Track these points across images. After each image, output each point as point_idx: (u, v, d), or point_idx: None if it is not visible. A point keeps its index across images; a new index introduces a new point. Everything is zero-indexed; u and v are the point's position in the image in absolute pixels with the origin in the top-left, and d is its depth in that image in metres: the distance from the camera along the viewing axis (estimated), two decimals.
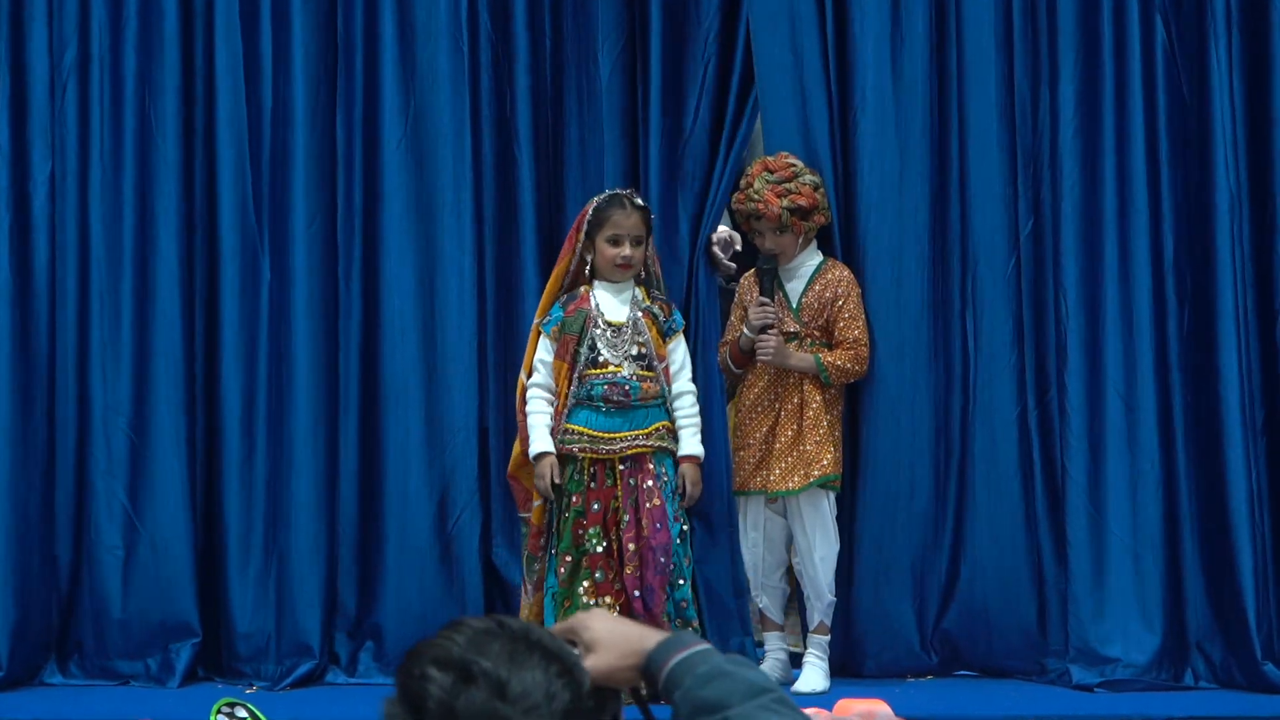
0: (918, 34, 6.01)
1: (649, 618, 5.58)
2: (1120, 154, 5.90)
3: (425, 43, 6.16)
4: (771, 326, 5.78)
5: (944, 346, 6.01)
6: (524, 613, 5.80)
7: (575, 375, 5.65)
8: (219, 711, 4.82)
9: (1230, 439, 5.74)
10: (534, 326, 5.79)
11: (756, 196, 5.81)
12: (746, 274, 6.03)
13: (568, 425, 5.66)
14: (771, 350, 5.78)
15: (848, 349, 5.81)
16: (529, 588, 5.76)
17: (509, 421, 6.09)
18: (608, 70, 6.12)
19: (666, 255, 6.04)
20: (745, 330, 5.85)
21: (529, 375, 5.75)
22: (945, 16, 6.02)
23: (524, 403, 5.74)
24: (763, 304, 5.80)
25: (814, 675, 5.77)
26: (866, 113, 5.98)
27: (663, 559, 5.57)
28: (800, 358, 5.79)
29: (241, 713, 4.83)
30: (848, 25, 6.02)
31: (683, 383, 5.77)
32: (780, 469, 5.76)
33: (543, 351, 5.72)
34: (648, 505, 5.62)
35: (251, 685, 6.00)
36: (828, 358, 5.78)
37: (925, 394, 5.98)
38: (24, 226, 6.13)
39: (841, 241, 5.98)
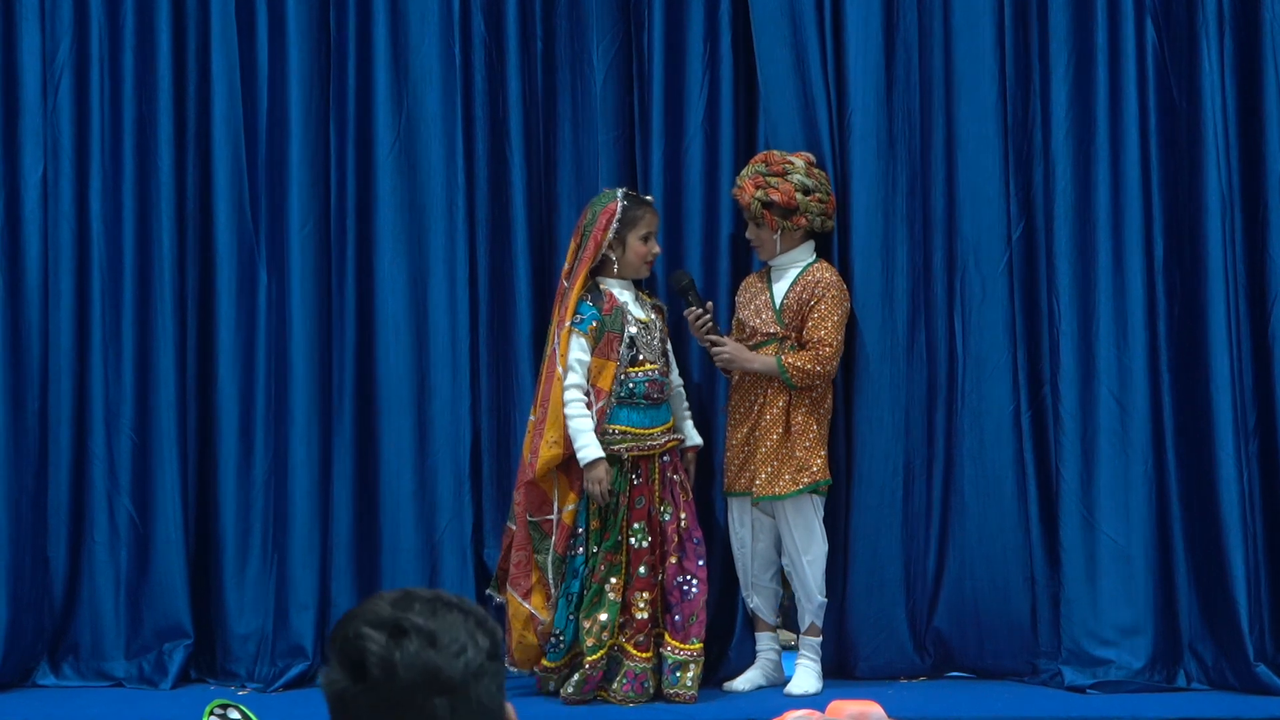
0: (911, 36, 6.02)
1: (688, 606, 5.61)
2: (1112, 155, 5.91)
3: (418, 45, 6.16)
4: (713, 327, 5.79)
5: (936, 347, 6.01)
6: (550, 614, 5.77)
7: (618, 374, 5.69)
8: (211, 713, 4.81)
9: (1222, 440, 5.74)
10: (565, 328, 5.76)
11: (739, 183, 5.83)
12: (747, 278, 6.02)
13: (610, 426, 5.71)
14: (728, 355, 5.78)
15: (809, 350, 5.75)
16: (550, 590, 5.74)
17: (501, 423, 6.11)
18: (603, 71, 6.13)
19: (671, 255, 6.07)
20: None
21: (565, 376, 5.74)
22: (939, 18, 6.02)
23: (564, 404, 5.71)
24: (691, 313, 5.80)
25: (806, 677, 5.77)
26: (860, 114, 5.98)
27: (699, 546, 5.71)
28: (763, 361, 5.77)
29: (234, 714, 4.82)
30: (843, 27, 6.02)
31: (676, 375, 5.91)
32: (766, 473, 5.75)
33: (579, 351, 5.72)
34: (684, 500, 5.73)
35: (244, 687, 6.01)
36: (789, 359, 5.73)
37: (918, 395, 5.99)
38: (14, 227, 6.13)
39: (836, 241, 5.98)
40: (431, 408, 6.13)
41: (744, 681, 5.85)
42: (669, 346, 5.92)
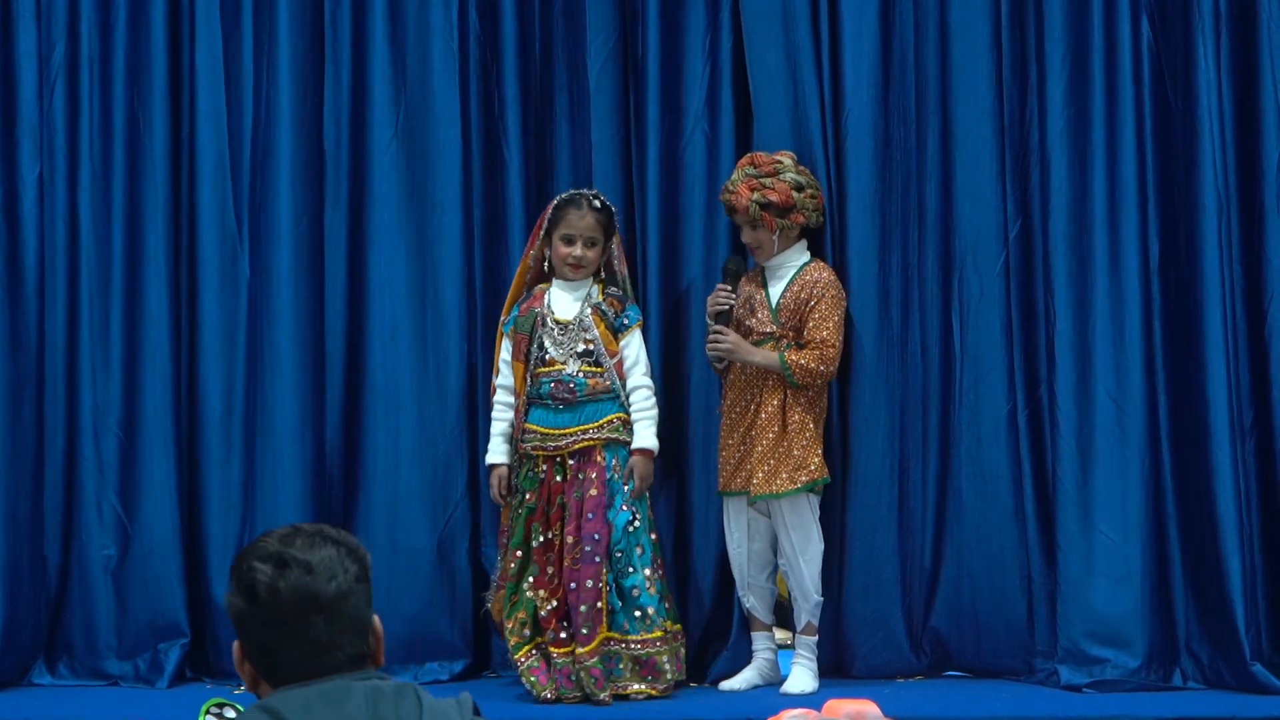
0: (908, 35, 6.03)
1: (580, 606, 5.63)
2: (1109, 154, 5.91)
3: (415, 42, 6.18)
4: (728, 314, 5.78)
5: (932, 347, 6.01)
6: (494, 607, 5.84)
7: (529, 374, 5.73)
8: (208, 712, 4.81)
9: (1218, 440, 5.74)
10: (498, 328, 5.88)
11: (731, 188, 5.83)
12: (742, 277, 6.03)
13: (526, 425, 5.75)
14: (729, 345, 5.78)
15: (813, 349, 5.75)
16: (493, 584, 5.87)
17: None
18: (596, 70, 6.14)
19: (669, 253, 6.08)
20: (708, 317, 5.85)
21: (496, 377, 5.88)
22: (934, 18, 6.03)
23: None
24: (721, 289, 5.81)
25: (802, 676, 5.77)
26: (855, 114, 5.99)
27: (588, 548, 5.62)
28: (765, 355, 5.77)
29: (230, 713, 4.83)
30: (839, 27, 6.03)
31: (636, 377, 5.82)
32: (764, 472, 5.75)
33: (504, 352, 5.86)
34: (586, 496, 5.68)
35: (240, 686, 6.00)
36: (792, 356, 5.73)
37: (914, 394, 5.99)
38: (12, 228, 6.15)
39: (831, 241, 5.98)
40: (429, 406, 6.13)
41: (740, 681, 5.84)
42: (625, 347, 5.79)
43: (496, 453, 5.85)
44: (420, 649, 6.06)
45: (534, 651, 5.69)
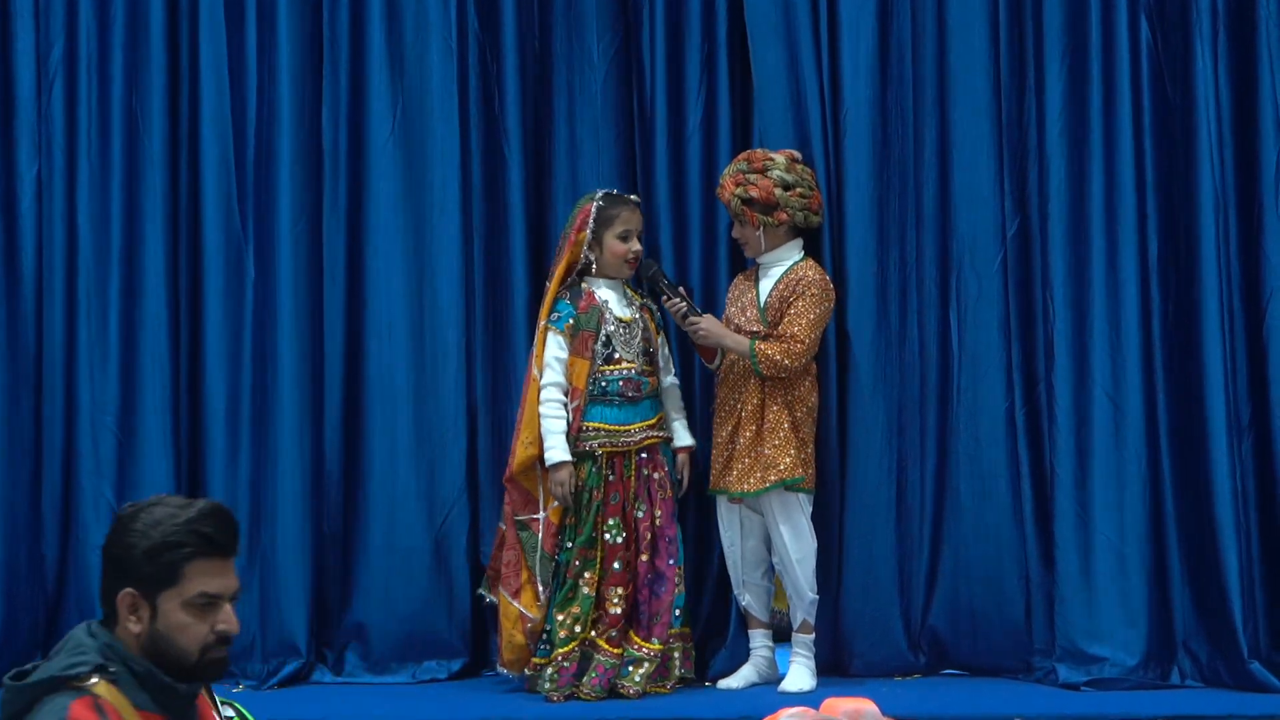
0: (905, 34, 6.03)
1: (655, 604, 5.61)
2: (1107, 153, 5.91)
3: (414, 41, 6.18)
4: (687, 315, 5.80)
5: (930, 346, 6.02)
6: (535, 625, 5.74)
7: (593, 372, 5.69)
8: None
9: (1215, 438, 5.74)
10: (541, 326, 5.80)
11: (720, 181, 5.84)
12: (737, 276, 6.03)
13: (585, 423, 5.71)
14: (704, 330, 5.79)
15: (782, 342, 5.72)
16: (540, 589, 5.73)
17: (497, 420, 6.11)
18: (604, 70, 6.14)
19: (676, 252, 6.10)
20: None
21: (542, 375, 5.77)
22: (932, 16, 6.03)
23: (539, 403, 5.75)
24: (669, 301, 5.83)
25: (800, 674, 5.77)
26: (854, 112, 5.99)
27: (674, 548, 5.70)
28: (736, 339, 5.78)
29: (228, 711, 4.80)
30: (837, 25, 6.04)
31: (671, 375, 5.90)
32: (738, 470, 5.76)
33: (555, 349, 5.74)
34: (661, 497, 5.72)
35: (238, 684, 6.00)
36: (761, 345, 5.73)
37: (912, 393, 6.00)
38: (10, 227, 6.16)
39: (829, 239, 5.98)
40: (427, 405, 6.13)
41: (738, 679, 5.84)
42: (661, 347, 5.90)
43: (563, 450, 5.67)
44: (418, 648, 6.06)
45: (575, 650, 5.67)
